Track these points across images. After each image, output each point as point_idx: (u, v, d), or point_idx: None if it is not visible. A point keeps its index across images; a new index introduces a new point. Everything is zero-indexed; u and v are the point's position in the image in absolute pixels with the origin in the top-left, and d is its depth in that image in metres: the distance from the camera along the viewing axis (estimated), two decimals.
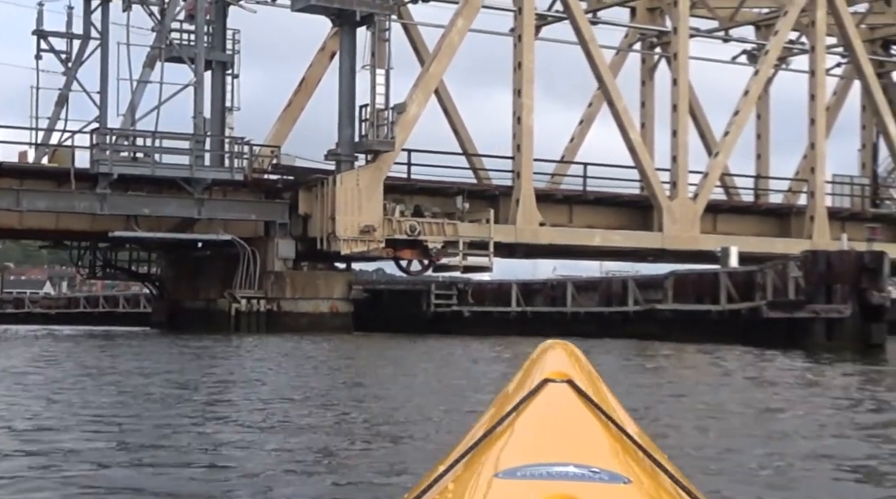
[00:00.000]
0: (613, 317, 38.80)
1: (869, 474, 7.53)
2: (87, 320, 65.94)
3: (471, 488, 1.87)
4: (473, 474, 1.95)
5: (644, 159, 47.71)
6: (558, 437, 2.04)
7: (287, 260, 42.56)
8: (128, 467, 7.33)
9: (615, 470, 1.87)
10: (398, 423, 10.32)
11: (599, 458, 1.92)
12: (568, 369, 2.39)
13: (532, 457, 1.90)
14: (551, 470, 1.83)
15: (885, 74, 59.98)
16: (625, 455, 2.02)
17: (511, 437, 2.09)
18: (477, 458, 2.03)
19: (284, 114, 50.52)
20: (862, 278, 29.34)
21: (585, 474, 1.82)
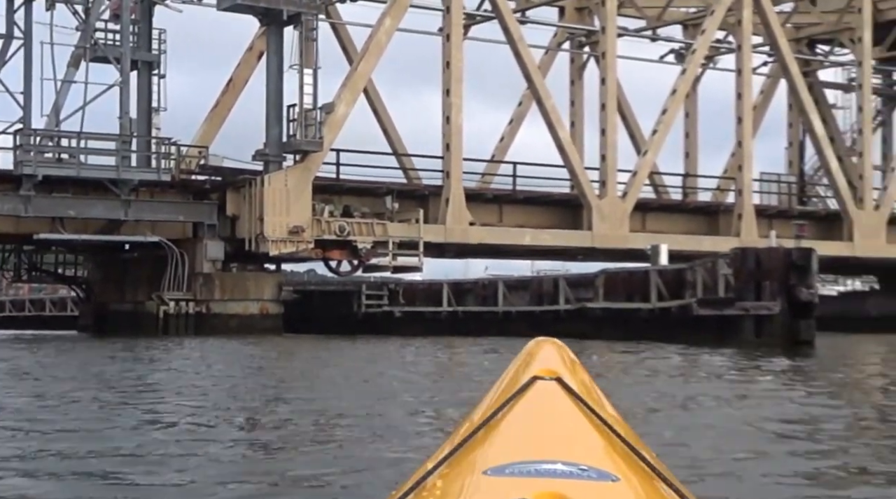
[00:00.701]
0: (545, 316, 38.82)
1: (779, 468, 7.55)
2: (13, 324, 64.97)
3: (459, 486, 1.89)
4: (462, 471, 1.96)
5: (573, 158, 47.78)
6: (547, 434, 2.06)
7: (216, 261, 42.13)
8: (49, 473, 7.14)
9: (603, 468, 1.89)
10: (329, 425, 10.15)
11: (588, 456, 1.94)
12: (557, 367, 2.41)
13: (521, 454, 1.92)
14: (540, 468, 1.85)
15: (810, 73, 60.54)
16: (613, 453, 2.03)
17: (500, 434, 2.11)
18: (465, 455, 2.05)
19: (212, 114, 50.02)
20: (790, 275, 29.54)
21: (574, 472, 1.84)
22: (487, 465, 1.91)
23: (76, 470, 7.27)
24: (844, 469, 7.69)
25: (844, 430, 10.32)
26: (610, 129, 49.04)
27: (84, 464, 7.56)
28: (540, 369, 2.38)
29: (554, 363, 2.46)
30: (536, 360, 2.53)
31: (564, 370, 2.42)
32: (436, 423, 10.47)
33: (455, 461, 2.04)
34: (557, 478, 1.81)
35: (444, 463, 2.04)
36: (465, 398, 12.51)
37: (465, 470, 1.96)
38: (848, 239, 52.93)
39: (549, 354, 2.59)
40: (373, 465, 7.50)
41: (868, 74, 55.62)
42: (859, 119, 55.80)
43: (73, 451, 8.10)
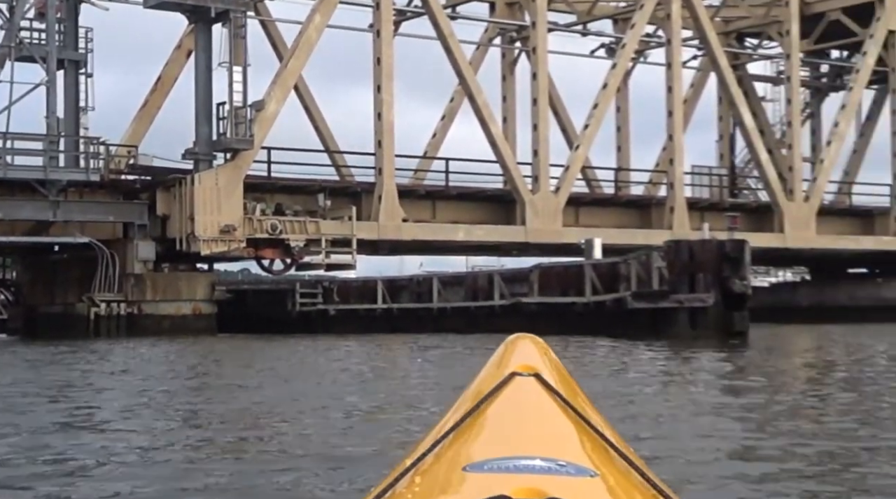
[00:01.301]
0: (479, 311, 38.82)
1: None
2: None
3: (438, 482, 1.90)
4: (441, 467, 1.97)
5: (505, 154, 47.76)
6: (525, 430, 2.06)
7: (147, 262, 41.66)
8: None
9: (582, 463, 1.90)
10: (267, 426, 10.00)
11: (566, 451, 1.95)
12: (535, 363, 2.40)
13: (499, 450, 1.92)
14: (518, 463, 1.85)
15: (740, 66, 61.03)
16: (591, 449, 2.04)
17: (478, 430, 2.11)
18: (444, 451, 2.05)
19: (141, 113, 49.50)
20: (724, 267, 29.70)
21: (552, 468, 1.84)
22: (466, 461, 1.92)
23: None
24: (786, 461, 7.73)
25: (781, 418, 10.36)
26: (542, 124, 49.07)
27: (10, 472, 7.35)
28: (518, 365, 2.36)
29: (532, 359, 2.45)
30: (514, 356, 2.51)
31: (543, 366, 2.41)
32: (370, 422, 10.34)
33: (434, 458, 2.04)
34: (536, 474, 1.82)
35: (423, 459, 2.04)
36: (393, 399, 12.39)
37: (443, 466, 1.97)
38: (779, 231, 53.34)
39: (527, 350, 2.57)
40: (310, 465, 7.36)
41: (796, 67, 56.06)
42: (788, 111, 56.25)
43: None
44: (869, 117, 64.33)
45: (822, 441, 8.58)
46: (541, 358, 2.50)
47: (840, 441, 8.64)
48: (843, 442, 8.56)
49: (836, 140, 56.46)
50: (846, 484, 6.84)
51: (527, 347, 2.59)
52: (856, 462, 7.65)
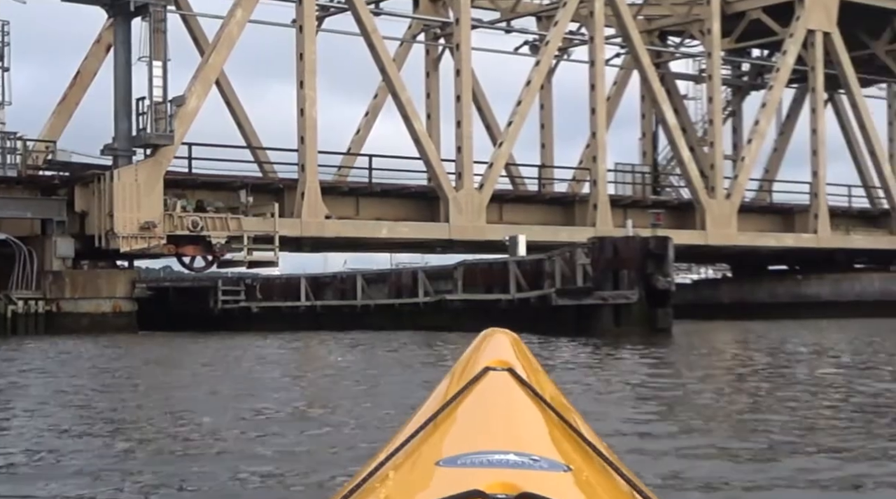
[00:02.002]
0: (404, 309, 38.69)
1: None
2: None
3: (412, 476, 1.91)
4: (415, 461, 1.98)
5: (429, 150, 47.61)
6: (499, 425, 2.07)
7: (66, 259, 41.01)
8: None
9: (555, 458, 1.91)
10: (182, 426, 9.77)
11: (539, 446, 1.96)
12: (509, 358, 2.41)
13: (473, 445, 1.92)
14: (492, 458, 1.86)
15: (662, 64, 61.38)
16: (565, 443, 2.05)
17: (452, 425, 2.12)
18: (418, 446, 2.06)
19: (59, 108, 48.74)
20: (648, 264, 29.78)
21: (526, 462, 1.85)
22: (440, 456, 1.92)
23: None
24: (711, 450, 7.81)
25: (708, 410, 10.36)
26: (465, 121, 48.98)
27: None
28: (492, 360, 2.37)
29: (506, 354, 2.46)
30: (488, 350, 2.52)
31: (516, 361, 2.41)
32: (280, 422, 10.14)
33: (407, 452, 2.04)
34: (509, 468, 1.82)
35: (397, 454, 2.03)
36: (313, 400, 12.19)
37: (417, 461, 1.97)
38: (700, 228, 53.68)
39: (500, 344, 2.58)
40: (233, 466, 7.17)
41: (717, 65, 56.48)
42: (710, 109, 56.66)
43: None
44: (789, 116, 65.10)
45: (745, 436, 8.54)
46: (514, 353, 2.51)
47: (755, 437, 8.67)
48: (758, 437, 8.60)
49: (757, 138, 56.95)
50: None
51: (500, 342, 2.61)
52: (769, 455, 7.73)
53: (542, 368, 2.64)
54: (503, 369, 2.32)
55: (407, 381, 14.19)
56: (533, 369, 2.52)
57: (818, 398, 11.99)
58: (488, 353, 2.49)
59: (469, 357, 2.58)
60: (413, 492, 1.85)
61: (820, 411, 10.78)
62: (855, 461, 7.41)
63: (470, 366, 2.46)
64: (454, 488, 1.74)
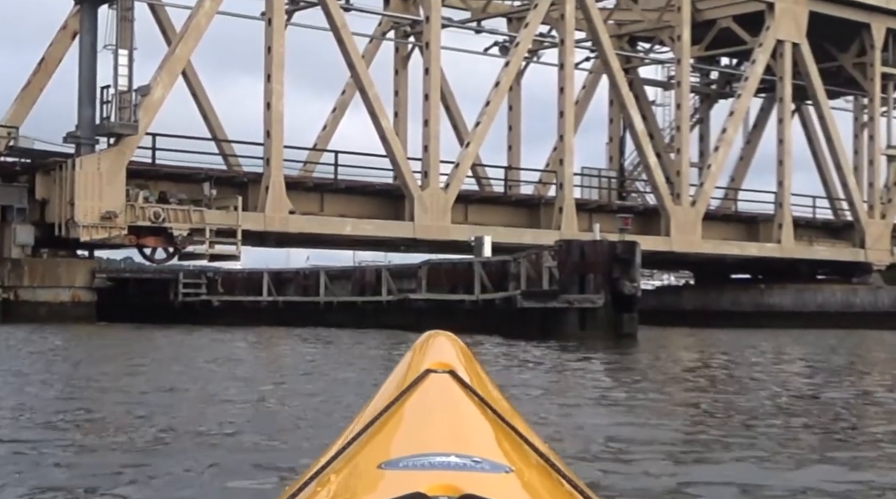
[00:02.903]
0: (367, 306, 38.41)
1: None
2: None
3: (353, 480, 1.89)
4: (356, 465, 1.96)
5: (395, 148, 47.36)
6: (440, 427, 2.06)
7: (25, 247, 40.56)
8: None
9: (496, 459, 1.90)
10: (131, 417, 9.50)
11: (481, 447, 1.95)
12: (450, 360, 2.41)
13: (414, 447, 1.92)
14: (433, 460, 1.85)
15: (631, 70, 61.34)
16: (506, 444, 2.04)
17: (394, 427, 2.11)
18: (359, 449, 2.04)
19: (23, 94, 48.21)
20: (614, 268, 29.59)
21: (467, 464, 1.84)
22: (381, 459, 1.90)
23: None
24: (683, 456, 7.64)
25: (674, 415, 10.19)
26: (433, 120, 48.78)
27: None
28: (433, 362, 2.36)
29: (447, 356, 2.44)
30: (429, 353, 2.49)
31: (457, 363, 2.40)
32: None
33: (348, 456, 2.02)
34: (451, 470, 1.81)
35: (338, 458, 2.03)
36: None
37: (358, 464, 1.95)
38: (665, 234, 53.66)
39: (442, 346, 2.56)
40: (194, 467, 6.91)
41: (686, 72, 56.49)
42: (677, 116, 56.70)
43: None
44: (756, 125, 65.25)
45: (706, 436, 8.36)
46: (456, 355, 2.50)
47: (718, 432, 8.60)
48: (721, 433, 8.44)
49: (724, 146, 56.99)
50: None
51: (442, 344, 2.59)
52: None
53: (483, 371, 2.62)
54: (444, 372, 2.30)
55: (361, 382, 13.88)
56: (475, 372, 2.50)
57: (771, 402, 12.00)
58: (429, 355, 2.47)
59: (410, 359, 2.56)
60: (355, 495, 1.84)
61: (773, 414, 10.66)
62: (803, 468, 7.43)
63: (411, 368, 2.44)
64: (396, 491, 1.74)
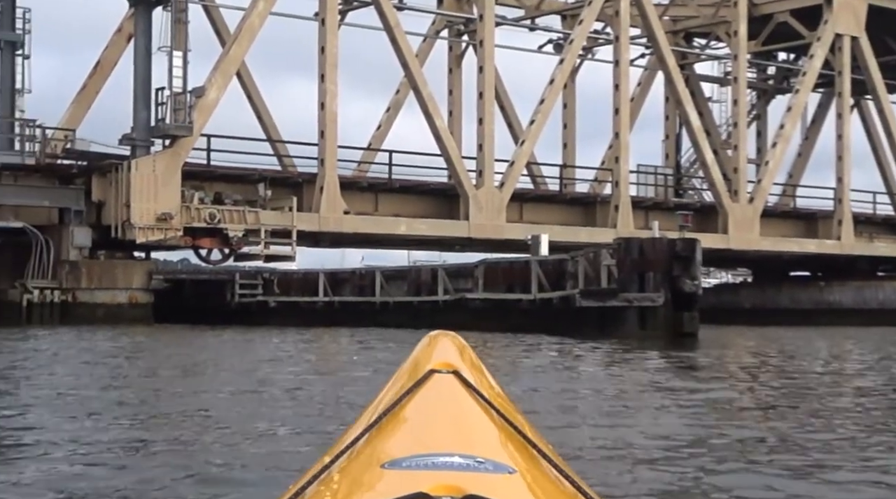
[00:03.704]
0: (423, 306, 38.20)
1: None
2: None
3: (356, 479, 1.88)
4: (359, 465, 1.96)
5: (450, 147, 47.16)
6: (444, 427, 2.06)
7: (83, 249, 40.68)
8: None
9: (500, 460, 1.90)
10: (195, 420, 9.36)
11: (484, 448, 1.95)
12: (454, 360, 2.40)
13: (418, 447, 1.92)
14: (437, 460, 1.85)
15: (687, 66, 60.78)
16: (509, 445, 2.05)
17: (397, 427, 2.10)
18: (363, 449, 2.04)
19: (79, 97, 48.49)
20: (674, 266, 29.18)
21: (470, 464, 1.84)
22: (385, 458, 1.91)
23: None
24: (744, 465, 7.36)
25: (734, 420, 9.84)
26: (487, 118, 48.54)
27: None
28: (437, 362, 2.37)
29: (451, 356, 2.45)
30: (433, 353, 2.51)
31: (461, 363, 2.41)
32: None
33: (352, 455, 2.03)
34: (454, 471, 1.81)
35: (342, 457, 2.03)
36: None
37: (362, 464, 1.96)
38: (722, 231, 53.12)
39: (446, 347, 2.58)
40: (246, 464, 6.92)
41: (743, 68, 55.93)
42: (734, 112, 56.14)
43: None
44: (814, 120, 64.48)
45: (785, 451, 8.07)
46: (459, 355, 2.51)
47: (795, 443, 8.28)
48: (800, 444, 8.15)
49: (782, 142, 56.36)
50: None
51: (445, 345, 2.60)
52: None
53: (487, 371, 2.63)
54: (448, 372, 2.30)
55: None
56: (478, 372, 2.52)
57: (851, 402, 11.59)
58: (433, 355, 2.48)
59: (414, 359, 2.57)
60: (358, 495, 1.84)
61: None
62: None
63: (415, 368, 2.45)
64: (399, 491, 1.74)
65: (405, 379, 2.41)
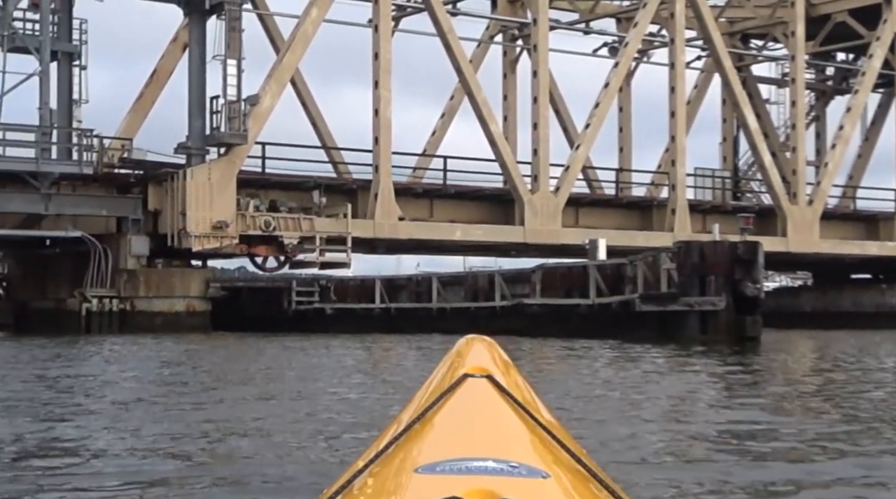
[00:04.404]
0: (480, 312, 38.01)
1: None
2: None
3: (390, 484, 1.89)
4: (393, 469, 1.96)
5: (504, 152, 46.95)
6: (478, 432, 2.05)
7: (141, 257, 40.82)
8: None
9: (534, 464, 1.89)
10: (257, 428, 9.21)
11: (518, 452, 1.95)
12: (488, 364, 2.41)
13: (452, 452, 1.91)
14: (471, 465, 1.84)
15: (744, 68, 60.27)
16: (543, 450, 2.04)
17: (431, 432, 2.10)
18: (396, 453, 2.03)
19: (136, 106, 48.77)
20: (736, 269, 28.77)
21: (505, 469, 1.84)
22: (418, 463, 1.90)
23: None
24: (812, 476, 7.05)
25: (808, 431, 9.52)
26: (542, 123, 48.28)
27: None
28: (470, 367, 2.37)
29: (484, 361, 2.45)
30: (467, 357, 2.51)
31: (495, 368, 2.42)
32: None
33: (386, 460, 2.02)
34: (488, 475, 1.80)
35: (375, 461, 2.02)
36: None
37: (396, 468, 1.95)
38: (781, 235, 52.53)
39: (479, 351, 2.58)
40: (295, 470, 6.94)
41: (801, 69, 55.33)
42: (792, 114, 55.56)
43: None
44: (874, 121, 63.65)
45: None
46: (493, 360, 2.51)
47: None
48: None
49: (841, 144, 55.72)
50: None
51: (479, 349, 2.60)
52: None
53: (520, 375, 2.61)
54: (482, 376, 2.30)
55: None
56: (511, 376, 2.51)
57: None
58: (467, 360, 2.48)
59: (447, 364, 2.56)
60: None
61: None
62: None
63: (448, 373, 2.44)
64: (433, 495, 1.74)
65: (439, 383, 2.41)
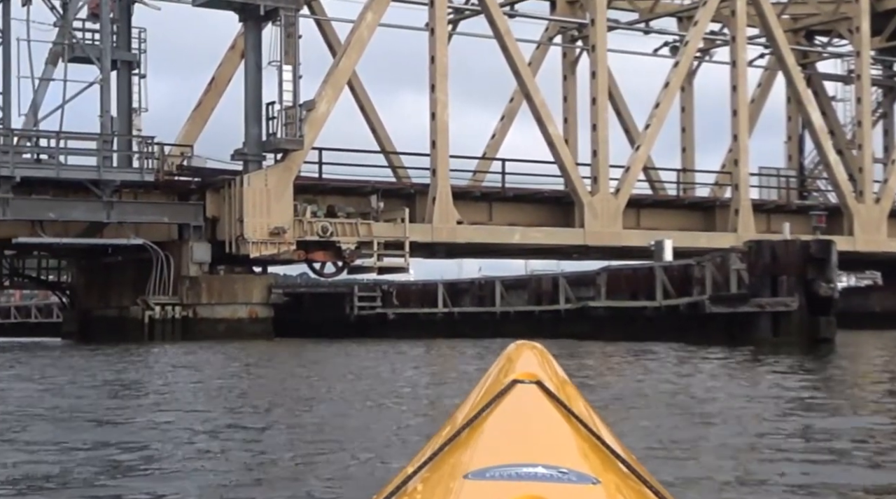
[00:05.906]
0: (544, 316, 37.60)
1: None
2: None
3: (440, 490, 1.88)
4: (442, 475, 1.96)
5: (563, 154, 46.52)
6: (527, 438, 2.05)
7: (202, 264, 40.76)
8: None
9: (584, 471, 1.88)
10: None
11: (568, 458, 1.93)
12: (537, 370, 2.41)
13: (501, 458, 1.91)
14: (520, 471, 1.84)
15: (808, 65, 59.47)
16: (593, 456, 2.03)
17: (480, 438, 2.10)
18: (446, 459, 2.05)
19: (194, 114, 48.80)
20: (808, 269, 28.13)
21: (554, 475, 1.83)
22: (468, 469, 1.90)
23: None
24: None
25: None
26: (601, 124, 47.82)
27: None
28: (520, 373, 2.37)
29: (533, 366, 2.46)
30: (516, 363, 2.52)
31: (544, 373, 2.42)
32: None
33: (436, 465, 2.03)
34: (538, 481, 1.80)
35: (425, 467, 2.03)
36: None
37: (445, 474, 1.96)
38: (848, 233, 51.68)
39: (528, 357, 2.59)
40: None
41: (866, 65, 54.51)
42: (858, 111, 54.68)
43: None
44: None
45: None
46: (542, 366, 2.51)
47: None
48: None
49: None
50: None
51: (528, 355, 2.60)
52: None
53: (570, 381, 2.63)
54: (531, 382, 2.30)
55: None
56: (561, 382, 2.51)
57: None
58: (516, 365, 2.48)
59: (496, 370, 2.57)
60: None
61: None
62: None
63: (497, 379, 2.45)
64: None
65: (488, 389, 2.41)
